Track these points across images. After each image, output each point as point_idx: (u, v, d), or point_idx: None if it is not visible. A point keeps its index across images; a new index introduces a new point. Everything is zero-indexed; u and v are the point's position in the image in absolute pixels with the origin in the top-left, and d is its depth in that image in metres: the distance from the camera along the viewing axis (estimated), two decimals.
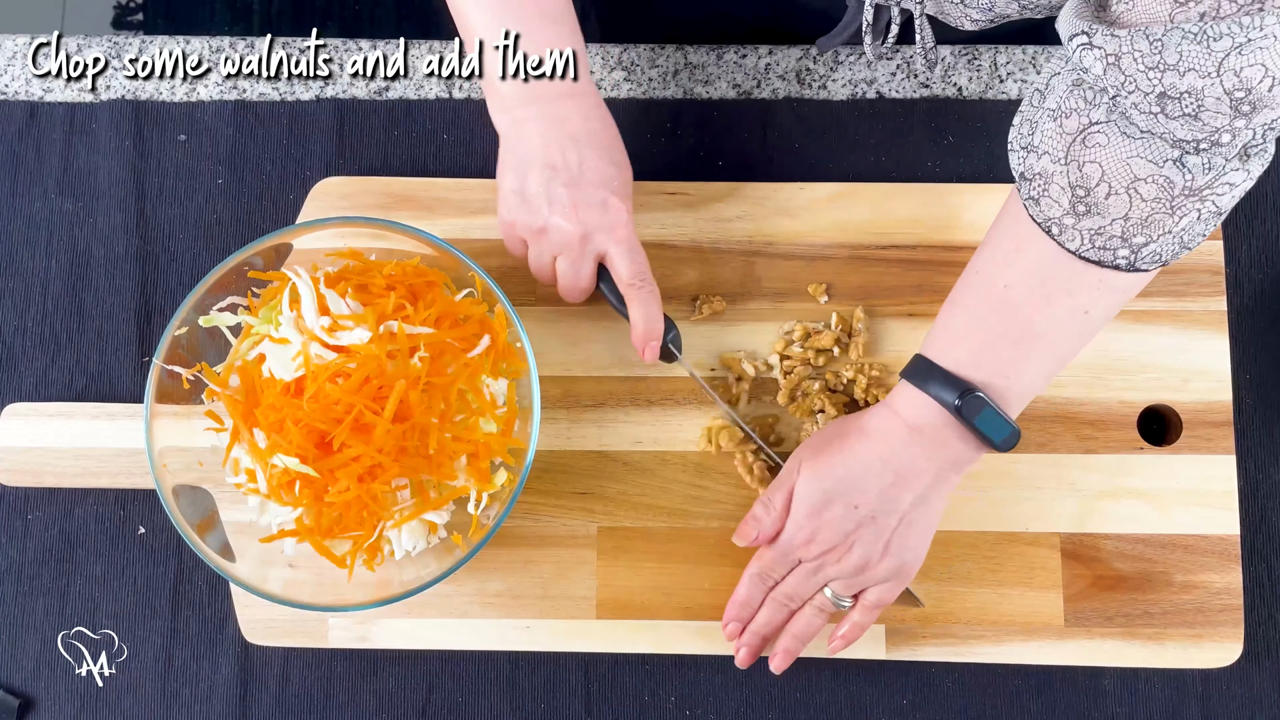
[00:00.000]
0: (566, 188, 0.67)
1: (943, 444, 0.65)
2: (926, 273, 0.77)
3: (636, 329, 0.70)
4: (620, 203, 0.68)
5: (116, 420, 0.76)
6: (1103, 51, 0.54)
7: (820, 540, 0.67)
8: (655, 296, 0.70)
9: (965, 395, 0.63)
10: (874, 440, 0.66)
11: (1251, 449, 0.76)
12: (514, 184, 0.68)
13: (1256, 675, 0.74)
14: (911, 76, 0.81)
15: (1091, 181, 0.58)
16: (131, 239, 0.79)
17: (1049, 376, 0.66)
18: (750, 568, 0.70)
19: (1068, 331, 0.63)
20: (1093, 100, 0.57)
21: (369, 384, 0.66)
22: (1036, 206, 0.61)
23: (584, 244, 0.68)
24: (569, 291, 0.71)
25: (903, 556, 0.67)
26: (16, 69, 0.82)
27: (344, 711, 0.74)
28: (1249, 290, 0.78)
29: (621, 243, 0.68)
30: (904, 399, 0.66)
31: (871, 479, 0.66)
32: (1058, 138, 0.59)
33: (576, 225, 0.67)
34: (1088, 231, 0.59)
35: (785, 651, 0.70)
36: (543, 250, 0.70)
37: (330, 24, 1.68)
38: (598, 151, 0.68)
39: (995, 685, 0.74)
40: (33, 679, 0.75)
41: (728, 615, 0.71)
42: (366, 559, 0.69)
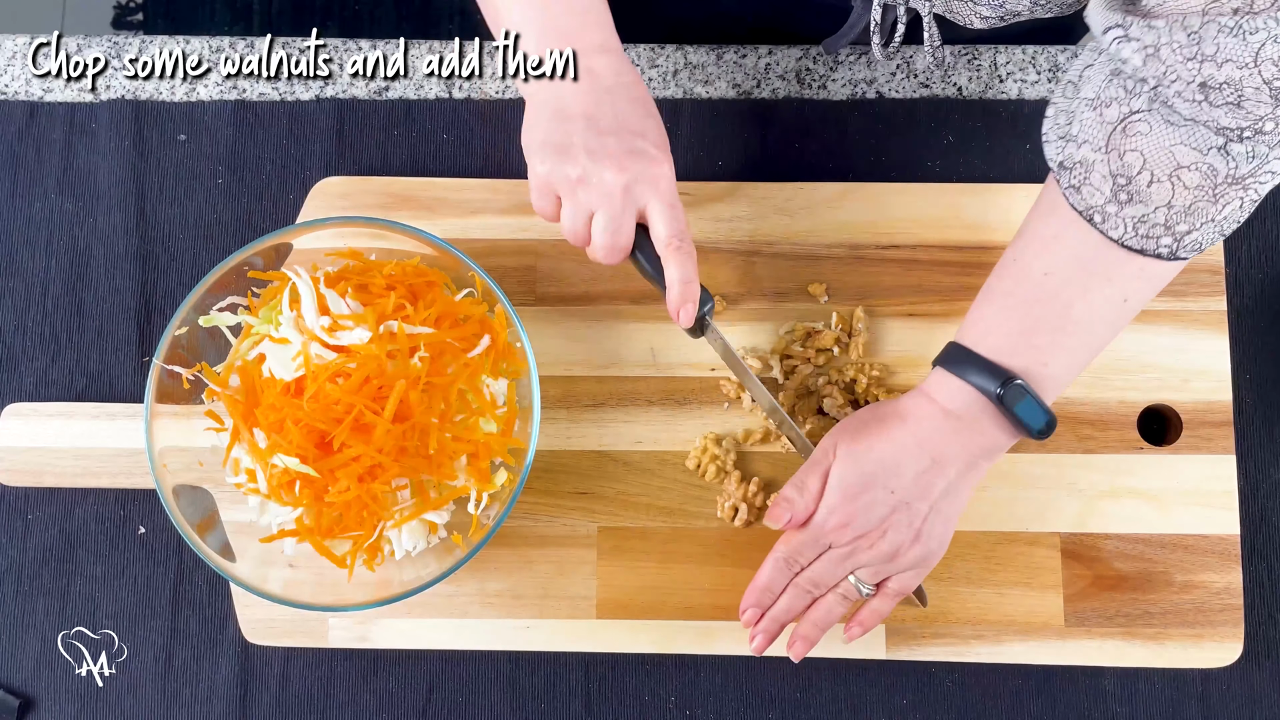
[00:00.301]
0: (607, 135, 0.62)
1: (980, 431, 0.65)
2: (926, 273, 0.77)
3: (673, 290, 0.65)
4: (661, 154, 0.64)
5: (116, 420, 0.76)
6: (1140, 43, 0.54)
7: (856, 525, 0.66)
8: (693, 258, 0.65)
9: (1006, 384, 0.63)
10: (911, 424, 0.65)
11: (1251, 449, 0.76)
12: (547, 135, 0.63)
13: (1256, 675, 0.74)
14: (911, 76, 0.81)
15: (1133, 170, 0.58)
16: (131, 239, 0.79)
17: (1084, 365, 0.66)
18: (776, 551, 0.68)
19: (1105, 319, 0.63)
20: (1133, 90, 0.57)
21: (369, 384, 0.66)
22: (1078, 194, 0.60)
23: (626, 195, 0.63)
24: (608, 249, 0.65)
25: (930, 544, 0.66)
26: (16, 69, 0.82)
27: (344, 711, 0.74)
28: (1249, 290, 0.78)
29: (664, 196, 0.64)
30: (940, 385, 0.65)
31: (909, 463, 0.65)
32: (1098, 126, 0.59)
33: (619, 173, 0.62)
34: (1131, 220, 0.59)
35: (804, 639, 0.69)
36: (579, 205, 0.64)
37: (330, 24, 1.68)
38: (634, 104, 0.64)
39: (995, 685, 0.74)
40: (33, 679, 0.75)
41: (747, 600, 0.69)
42: (366, 559, 0.69)
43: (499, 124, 0.80)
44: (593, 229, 0.64)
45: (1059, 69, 0.81)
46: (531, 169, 0.65)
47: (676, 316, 0.66)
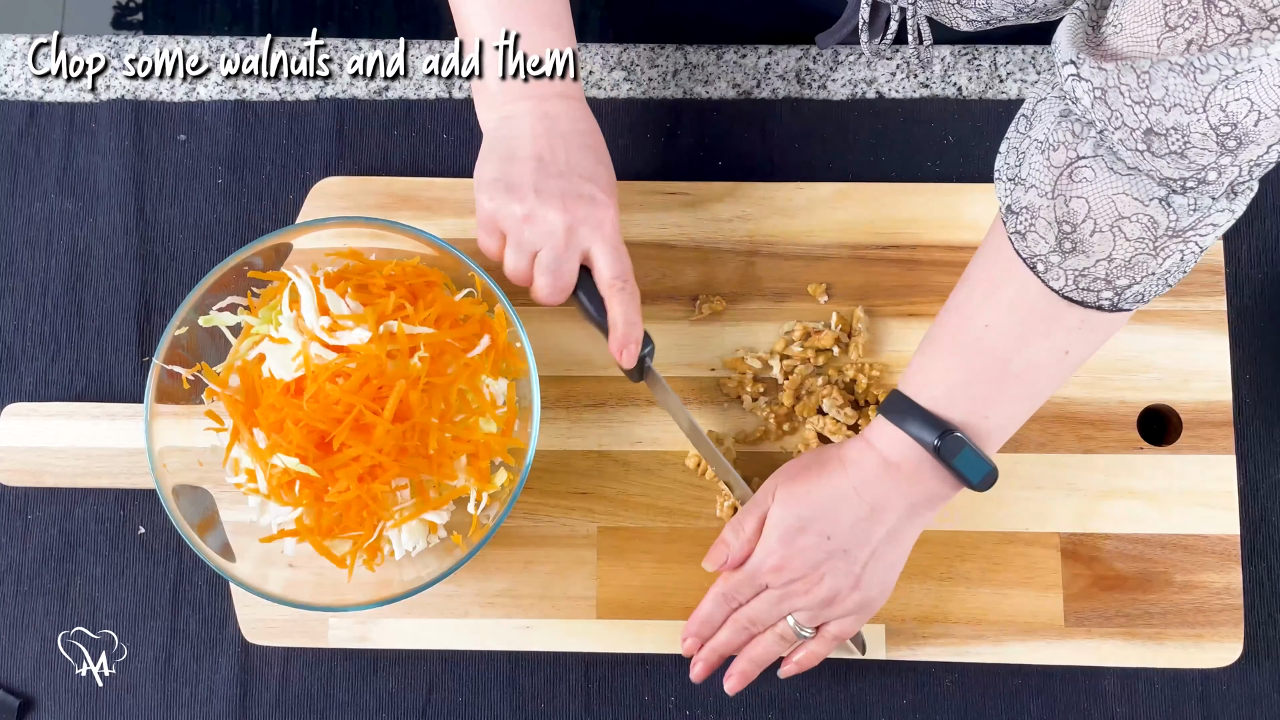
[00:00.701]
0: (555, 179, 0.66)
1: (918, 481, 0.65)
2: (926, 273, 0.77)
3: (616, 330, 0.68)
4: (608, 199, 0.67)
5: (116, 420, 0.76)
6: (1090, 85, 0.53)
7: (790, 569, 0.66)
8: (636, 299, 0.68)
9: (944, 436, 0.62)
10: (850, 471, 0.65)
11: (1251, 449, 0.76)
12: (497, 172, 0.66)
13: (1256, 675, 0.74)
14: (911, 76, 0.81)
15: (1078, 218, 0.57)
16: (131, 239, 0.79)
17: (1027, 414, 0.65)
18: (716, 586, 0.69)
19: (1047, 372, 0.63)
20: (1080, 134, 0.56)
21: (369, 384, 0.66)
22: (1023, 241, 0.59)
23: (569, 236, 0.66)
24: (550, 289, 0.67)
25: (870, 591, 0.67)
26: (16, 69, 0.82)
27: (344, 711, 0.74)
28: (1249, 290, 0.78)
29: (608, 240, 0.67)
30: (881, 434, 0.65)
31: (845, 510, 0.65)
32: (1045, 171, 0.58)
33: (564, 215, 0.65)
34: (1072, 272, 0.58)
35: (741, 674, 0.69)
36: (523, 244, 0.67)
37: (330, 24, 1.68)
38: (585, 150, 0.67)
39: (995, 685, 0.74)
40: (33, 679, 0.75)
41: (687, 630, 0.70)
42: (366, 559, 0.69)
43: None
44: (535, 268, 0.67)
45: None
46: (479, 205, 0.67)
47: (619, 356, 0.69)
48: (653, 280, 0.77)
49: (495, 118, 0.68)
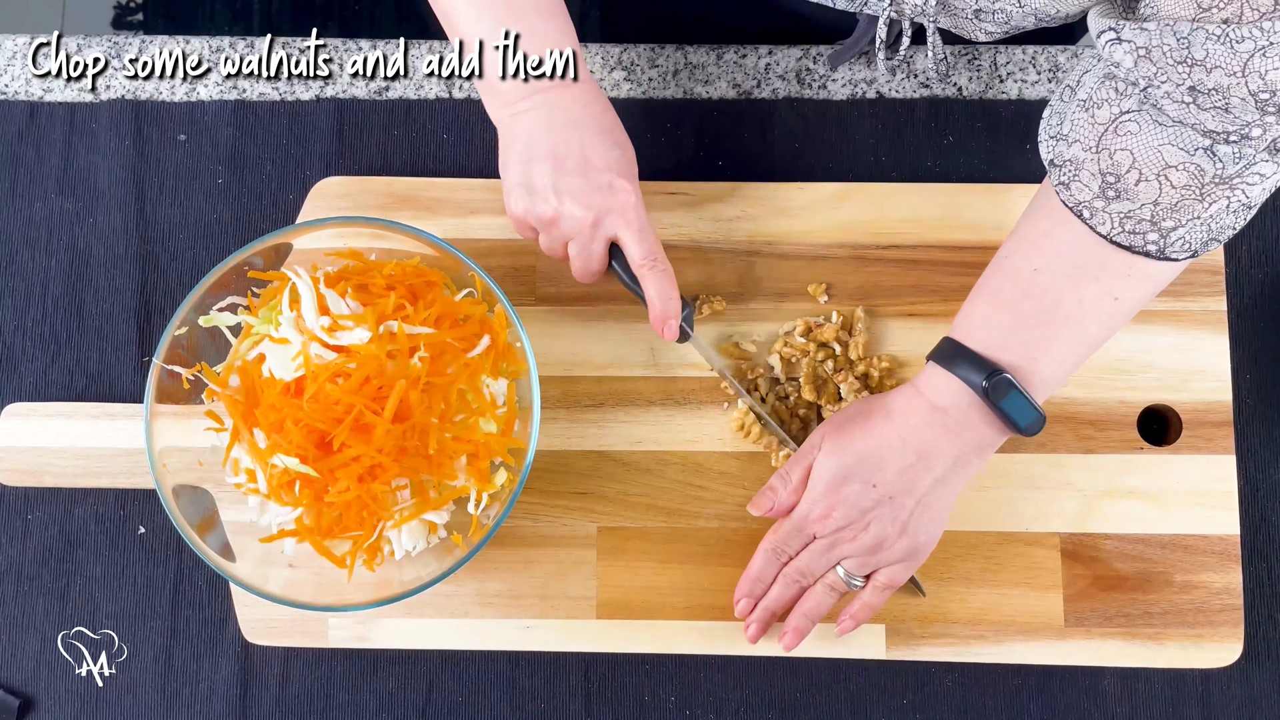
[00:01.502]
0: (573, 175, 0.67)
1: (966, 426, 0.65)
2: (926, 273, 0.77)
3: (654, 308, 0.70)
4: (627, 184, 0.68)
5: (116, 420, 0.76)
6: (1132, 45, 0.55)
7: (836, 516, 0.67)
8: (669, 275, 0.69)
9: (992, 377, 0.63)
10: (896, 420, 0.66)
11: (1251, 449, 0.76)
12: (519, 176, 0.68)
13: (1256, 675, 0.74)
14: (912, 76, 0.81)
15: (1122, 168, 0.58)
16: (131, 239, 0.79)
17: (1076, 362, 0.66)
18: (764, 542, 0.70)
19: (1096, 316, 0.63)
20: (1124, 91, 0.58)
21: (369, 384, 0.66)
22: (1067, 191, 0.61)
23: (595, 229, 0.68)
24: (581, 274, 0.71)
25: (917, 538, 0.67)
26: (16, 69, 0.82)
27: (344, 711, 0.74)
28: (1249, 290, 0.78)
29: (631, 224, 0.68)
30: (930, 380, 0.66)
31: (891, 458, 0.66)
32: (1089, 127, 0.59)
33: (586, 211, 0.67)
34: (1118, 215, 0.60)
35: (795, 630, 0.70)
36: (554, 237, 0.70)
37: (330, 24, 1.68)
38: (599, 136, 0.68)
39: (995, 685, 0.74)
40: (33, 679, 0.75)
41: (740, 591, 0.71)
42: (366, 559, 0.69)
43: None
44: (568, 253, 0.70)
45: (1059, 69, 0.81)
46: (508, 205, 0.69)
47: (660, 331, 0.70)
48: None
49: (506, 115, 0.69)
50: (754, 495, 0.71)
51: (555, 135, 0.67)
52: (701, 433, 0.76)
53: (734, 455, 0.75)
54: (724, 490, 0.75)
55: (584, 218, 0.67)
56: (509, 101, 0.68)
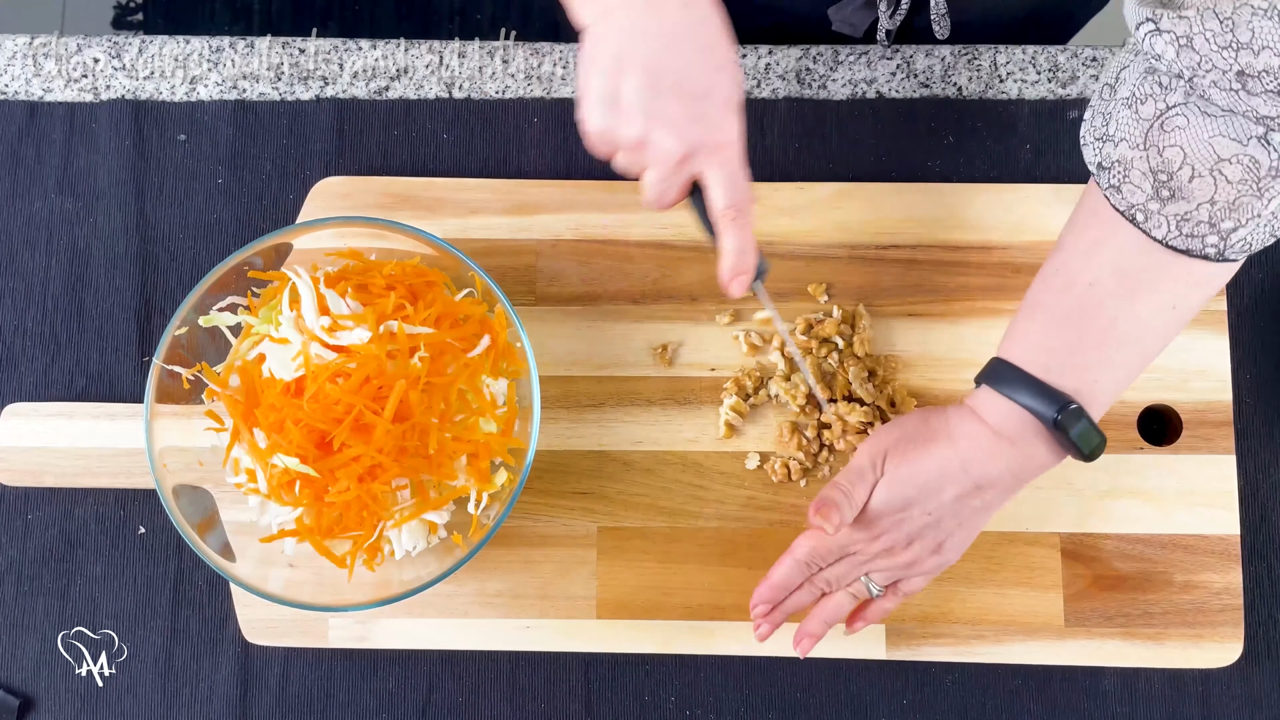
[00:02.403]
0: (669, 98, 0.57)
1: (1030, 455, 0.62)
2: (926, 273, 0.77)
3: (726, 260, 0.62)
4: (730, 117, 0.59)
5: (116, 420, 0.76)
6: (1173, 35, 0.52)
7: (885, 540, 0.65)
8: (749, 227, 0.61)
9: (1064, 409, 0.60)
10: (960, 445, 0.63)
11: (1251, 449, 0.76)
12: (604, 88, 0.58)
13: (1256, 675, 0.74)
14: (911, 76, 0.81)
15: (1174, 165, 0.55)
16: (131, 239, 0.79)
17: (1133, 378, 0.63)
18: (797, 553, 0.67)
19: (1154, 330, 0.61)
20: (1168, 85, 0.55)
21: (369, 384, 0.66)
22: (1118, 194, 0.58)
23: (682, 164, 0.59)
24: (651, 206, 0.62)
25: (948, 555, 0.66)
26: (16, 69, 0.82)
27: (344, 711, 0.74)
28: (1249, 290, 0.78)
29: (723, 165, 0.59)
30: (989, 406, 0.63)
31: (950, 486, 0.63)
32: (1135, 124, 0.56)
33: (678, 144, 0.58)
34: (1174, 218, 0.57)
35: (812, 636, 0.68)
36: (633, 162, 0.61)
37: (330, 24, 1.68)
38: (705, 53, 0.58)
39: (995, 685, 0.74)
40: (33, 679, 0.75)
41: (759, 596, 0.68)
42: (366, 559, 0.69)
43: (499, 124, 0.80)
44: (643, 180, 0.61)
45: (1059, 69, 0.81)
46: (585, 118, 0.60)
47: (727, 286, 0.63)
48: (652, 280, 0.77)
49: (595, 12, 0.58)
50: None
51: (652, 44, 0.57)
52: (701, 433, 0.76)
53: (734, 455, 0.75)
54: (724, 490, 0.75)
55: (673, 151, 0.58)
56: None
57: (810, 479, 0.75)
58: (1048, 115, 0.80)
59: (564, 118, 0.80)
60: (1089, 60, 0.81)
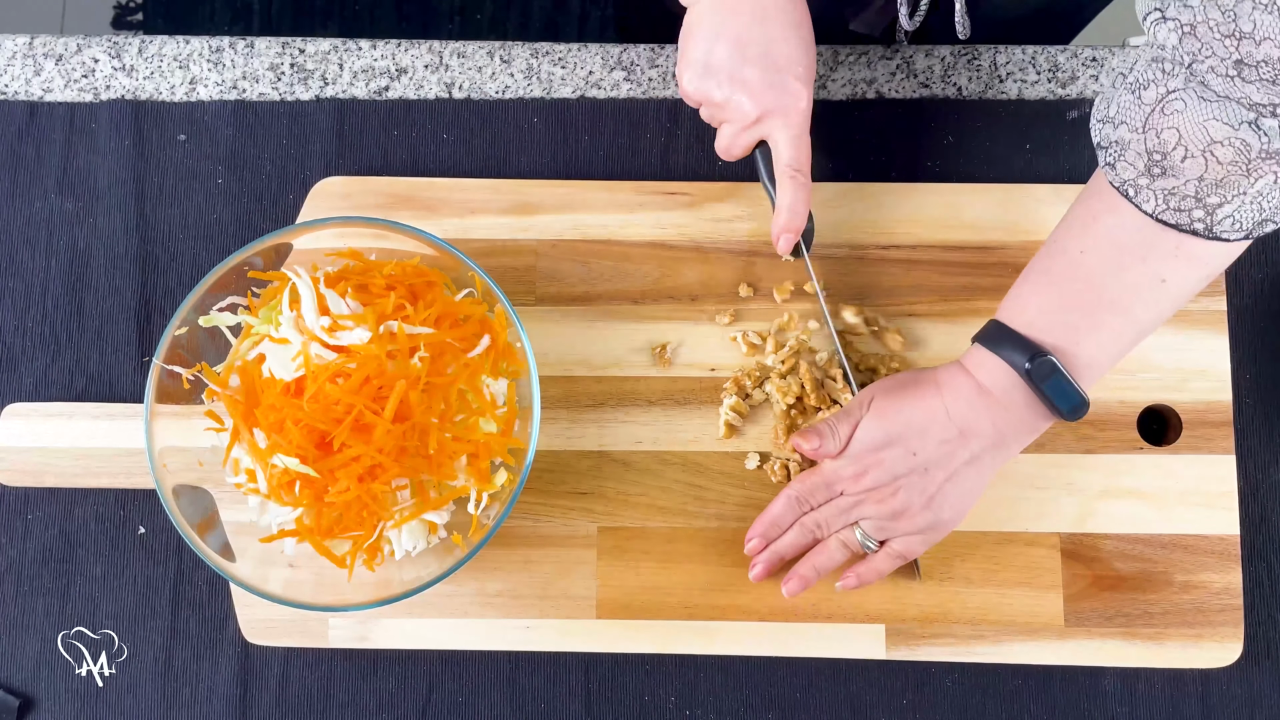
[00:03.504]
0: (752, 66, 0.67)
1: (1009, 408, 0.65)
2: (926, 273, 0.77)
3: (780, 217, 0.71)
4: (802, 87, 0.68)
5: (116, 420, 0.76)
6: (1177, 22, 0.54)
7: (869, 478, 0.67)
8: (807, 190, 0.70)
9: (1035, 359, 0.63)
10: (945, 393, 0.67)
11: (1251, 449, 0.76)
12: (701, 54, 0.68)
13: (1256, 675, 0.74)
14: (911, 76, 0.81)
15: (1168, 146, 0.58)
16: (131, 239, 0.79)
17: (1123, 348, 0.65)
18: (789, 489, 0.71)
19: (1142, 300, 0.63)
20: (1170, 71, 0.57)
21: (369, 384, 0.66)
22: (1113, 171, 0.61)
23: (755, 124, 0.69)
24: (722, 154, 0.73)
25: (941, 513, 0.67)
26: (16, 69, 0.82)
27: (344, 711, 0.74)
28: (1249, 290, 0.78)
29: (792, 127, 0.69)
30: (975, 360, 0.67)
31: (934, 429, 0.66)
32: (1135, 108, 0.59)
33: (755, 106, 0.68)
34: (1162, 192, 0.59)
35: (801, 578, 0.70)
36: (714, 117, 0.72)
37: (330, 24, 1.68)
38: (787, 30, 0.68)
39: (995, 685, 0.74)
40: (33, 679, 0.75)
41: (754, 530, 0.71)
42: (366, 559, 0.69)
43: (499, 124, 0.80)
44: (719, 132, 0.72)
45: (1059, 69, 0.81)
46: (682, 78, 0.70)
47: (776, 241, 0.72)
48: (652, 280, 0.77)
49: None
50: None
51: (742, 20, 0.67)
52: (701, 433, 0.76)
53: (734, 455, 0.75)
54: (724, 490, 0.75)
55: (749, 112, 0.68)
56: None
57: None
58: (1048, 115, 0.80)
59: (564, 118, 0.80)
60: (1089, 60, 0.81)
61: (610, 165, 0.80)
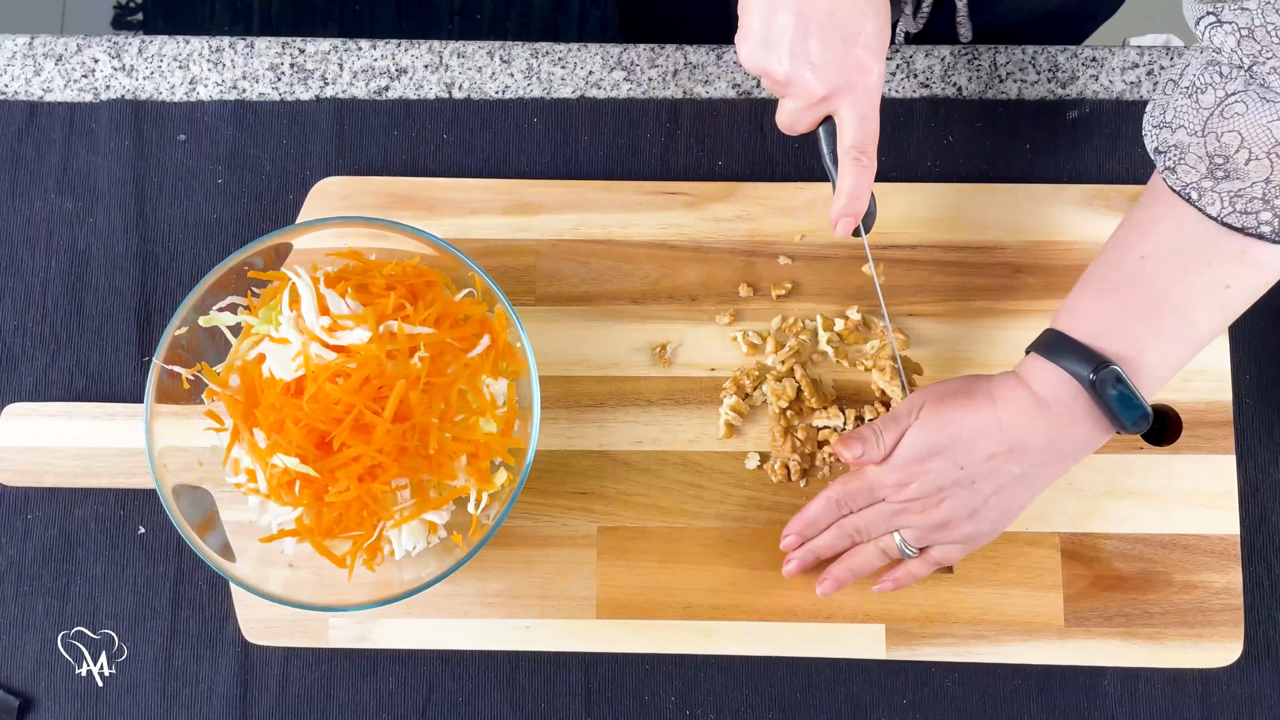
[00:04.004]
0: (816, 39, 0.62)
1: (1069, 421, 0.63)
2: (926, 273, 0.77)
3: (839, 200, 0.67)
4: (872, 62, 0.63)
5: (116, 420, 0.76)
6: (1234, 25, 0.54)
7: (913, 488, 0.66)
8: (870, 173, 0.66)
9: (1099, 369, 0.61)
10: (999, 406, 0.64)
11: (1251, 449, 0.76)
12: (759, 26, 0.63)
13: (1256, 675, 0.74)
14: (911, 76, 0.81)
15: (1230, 149, 0.56)
16: (131, 239, 0.79)
17: (1185, 358, 0.63)
18: (830, 491, 0.69)
19: (1206, 306, 0.61)
20: (1228, 75, 0.56)
21: (369, 384, 0.66)
22: (1173, 175, 0.59)
23: (821, 102, 0.64)
24: (784, 128, 0.68)
25: (982, 526, 0.66)
26: (16, 69, 0.82)
27: (344, 711, 0.74)
28: None
29: (860, 107, 0.64)
30: (1033, 371, 0.64)
31: (984, 443, 0.64)
32: (1194, 112, 0.58)
33: (820, 84, 0.63)
34: (1227, 194, 0.57)
35: (836, 579, 0.70)
36: (777, 93, 0.67)
37: (330, 24, 1.68)
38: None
39: (995, 685, 0.74)
40: (33, 679, 0.75)
41: (791, 528, 0.70)
42: (366, 559, 0.69)
43: (499, 124, 0.80)
44: (781, 105, 0.67)
45: (1059, 69, 0.81)
46: (741, 51, 0.65)
47: (834, 225, 0.68)
48: (652, 280, 0.77)
49: None
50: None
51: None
52: (701, 433, 0.76)
53: (734, 455, 0.75)
54: (724, 490, 0.75)
55: (815, 90, 0.63)
56: None
57: (810, 479, 0.75)
58: (1048, 115, 0.80)
59: (564, 118, 0.80)
60: (1089, 60, 0.81)
61: (610, 165, 0.80)
